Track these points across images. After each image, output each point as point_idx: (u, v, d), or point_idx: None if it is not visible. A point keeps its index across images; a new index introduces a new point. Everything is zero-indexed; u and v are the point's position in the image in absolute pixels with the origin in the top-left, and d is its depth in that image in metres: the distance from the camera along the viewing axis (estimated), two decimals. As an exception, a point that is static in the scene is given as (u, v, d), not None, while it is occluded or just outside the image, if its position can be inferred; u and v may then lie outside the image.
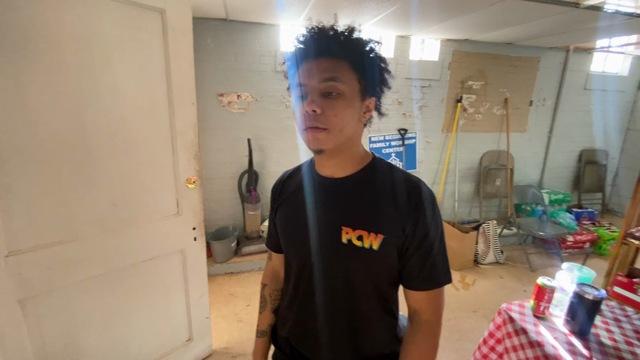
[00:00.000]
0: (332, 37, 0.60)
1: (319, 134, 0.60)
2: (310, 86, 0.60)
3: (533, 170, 3.86)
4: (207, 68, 2.57)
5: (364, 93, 0.63)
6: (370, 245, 0.63)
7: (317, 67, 0.59)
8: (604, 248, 3.18)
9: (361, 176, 0.68)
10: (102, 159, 1.18)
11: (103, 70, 1.14)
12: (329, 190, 0.69)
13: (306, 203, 0.72)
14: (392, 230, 0.63)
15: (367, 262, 0.65)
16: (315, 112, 0.58)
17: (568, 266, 1.18)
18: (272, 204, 0.82)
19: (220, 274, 2.60)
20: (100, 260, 1.24)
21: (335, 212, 0.67)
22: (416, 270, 0.65)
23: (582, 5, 2.05)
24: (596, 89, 3.77)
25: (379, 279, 0.67)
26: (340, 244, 0.65)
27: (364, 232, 0.64)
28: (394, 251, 0.65)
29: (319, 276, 0.69)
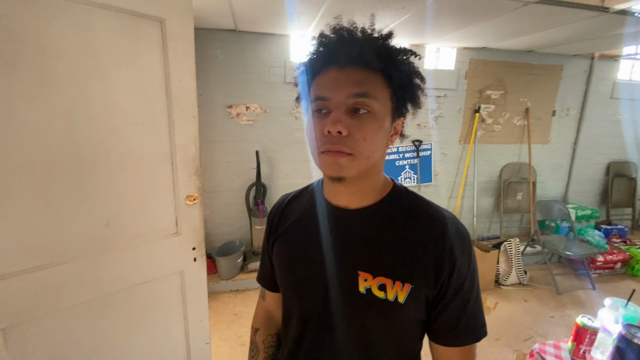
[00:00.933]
0: (366, 42, 0.49)
1: (342, 158, 0.48)
2: (335, 101, 0.48)
3: (557, 184, 3.65)
4: (216, 79, 2.53)
5: (395, 113, 0.53)
6: (395, 297, 0.51)
7: (346, 79, 0.48)
8: (637, 269, 2.94)
9: (382, 208, 0.56)
10: (96, 176, 1.11)
11: (98, 83, 1.08)
12: (342, 223, 0.57)
13: (313, 238, 0.58)
14: (423, 278, 0.51)
15: (390, 318, 0.53)
16: (341, 133, 0.47)
17: (611, 303, 1.02)
18: (267, 233, 0.69)
19: (225, 291, 2.50)
20: (91, 284, 1.16)
21: (350, 253, 0.55)
22: (450, 325, 0.54)
23: (612, 9, 1.90)
24: (624, 97, 3.56)
25: (403, 337, 0.55)
26: (357, 294, 0.53)
27: (387, 280, 0.51)
28: (423, 303, 0.53)
29: (328, 332, 0.56)
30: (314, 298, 0.57)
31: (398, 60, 0.51)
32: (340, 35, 0.50)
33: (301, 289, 0.59)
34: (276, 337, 0.74)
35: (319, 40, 0.52)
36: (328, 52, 0.50)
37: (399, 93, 0.51)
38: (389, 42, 0.51)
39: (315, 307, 0.57)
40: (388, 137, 0.54)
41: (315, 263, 0.57)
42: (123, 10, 1.08)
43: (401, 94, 0.52)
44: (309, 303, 0.58)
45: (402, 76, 0.51)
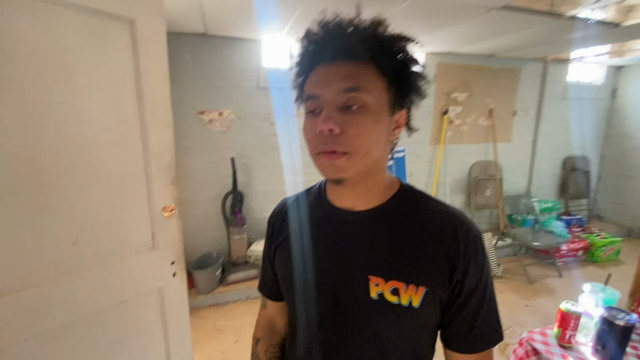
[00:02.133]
0: (353, 33, 0.46)
1: (338, 159, 0.46)
2: (325, 98, 0.46)
3: (520, 179, 3.87)
4: (186, 85, 2.43)
5: (394, 105, 0.50)
6: (409, 302, 0.48)
7: (335, 74, 0.46)
8: (597, 255, 3.17)
9: (390, 208, 0.53)
10: (62, 190, 1.01)
11: (63, 87, 0.98)
12: (349, 226, 0.54)
13: (319, 242, 0.55)
14: (437, 280, 0.49)
15: (404, 324, 0.50)
16: (333, 131, 0.45)
17: (591, 288, 1.08)
18: (268, 239, 0.66)
19: (204, 306, 2.38)
20: (60, 308, 1.04)
21: (358, 257, 0.52)
22: (465, 329, 0.51)
23: (564, 15, 2.06)
24: (573, 97, 3.86)
25: (418, 343, 0.52)
26: (369, 300, 0.50)
27: (400, 284, 0.49)
28: (438, 307, 0.50)
29: (339, 342, 0.53)
30: (323, 306, 0.54)
31: (390, 48, 0.48)
32: (326, 29, 0.47)
33: (308, 296, 0.55)
34: (279, 347, 0.69)
35: (306, 38, 0.49)
36: (316, 48, 0.48)
37: (396, 83, 0.49)
38: (380, 30, 0.48)
39: (323, 317, 0.54)
40: (389, 132, 0.50)
41: (322, 269, 0.54)
42: (89, 9, 1.00)
43: (399, 84, 0.49)
44: (317, 313, 0.55)
45: (397, 64, 0.48)
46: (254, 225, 2.82)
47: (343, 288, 0.52)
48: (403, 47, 0.49)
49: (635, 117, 3.88)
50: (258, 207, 2.83)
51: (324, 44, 0.47)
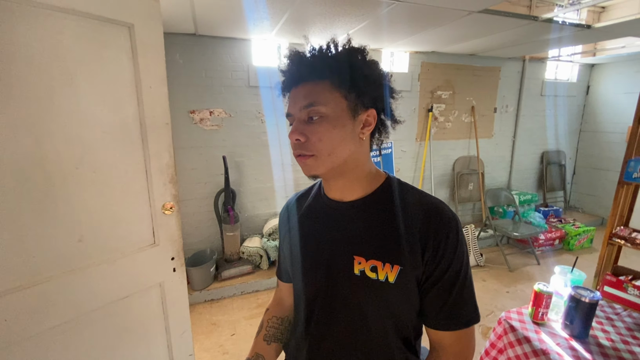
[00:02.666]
0: (306, 60, 0.58)
1: (307, 160, 0.58)
2: (294, 115, 0.58)
3: (501, 174, 4.05)
4: (177, 84, 2.46)
5: (355, 108, 0.57)
6: (385, 278, 0.57)
7: (298, 95, 0.58)
8: (572, 244, 3.37)
9: (374, 199, 0.62)
10: (66, 190, 1.05)
11: (65, 91, 1.02)
12: (338, 214, 0.64)
13: (316, 228, 0.66)
14: (410, 260, 0.57)
15: (383, 297, 0.58)
16: (300, 140, 0.57)
17: (560, 270, 1.20)
18: (280, 231, 0.78)
19: (199, 302, 2.43)
20: (66, 305, 1.08)
21: (346, 240, 0.61)
22: (437, 307, 0.58)
23: (540, 18, 2.19)
24: (550, 94, 4.05)
25: (399, 315, 0.60)
26: (353, 276, 0.59)
27: (378, 262, 0.57)
28: (414, 284, 0.58)
29: (331, 311, 0.63)
30: (317, 282, 0.64)
31: (340, 63, 0.56)
32: (292, 59, 0.59)
33: (306, 274, 0.66)
34: (280, 320, 0.79)
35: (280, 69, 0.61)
36: (287, 76, 0.60)
37: (351, 90, 0.56)
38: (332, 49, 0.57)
39: (318, 290, 0.64)
40: (355, 132, 0.57)
41: (317, 250, 0.64)
42: (90, 15, 1.03)
43: (354, 90, 0.56)
44: (313, 286, 0.65)
45: (348, 74, 0.55)
46: (246, 222, 2.87)
47: (333, 265, 0.62)
48: (351, 59, 0.57)
49: (606, 113, 4.10)
50: (250, 204, 2.88)
51: (291, 72, 0.59)
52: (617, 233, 1.20)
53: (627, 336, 1.10)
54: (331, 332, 0.63)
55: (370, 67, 0.59)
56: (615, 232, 1.20)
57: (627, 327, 1.15)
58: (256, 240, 2.79)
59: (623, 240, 1.17)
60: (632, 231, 1.22)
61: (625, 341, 1.08)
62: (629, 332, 1.12)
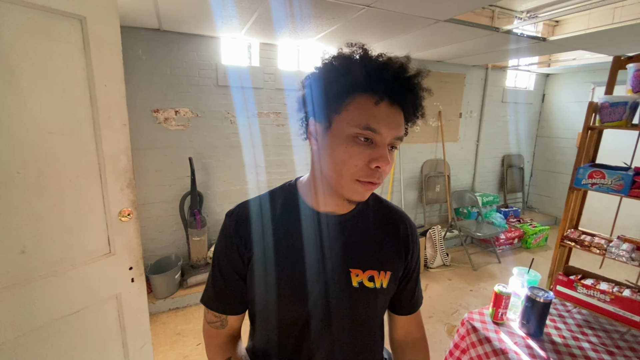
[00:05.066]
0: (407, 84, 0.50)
1: (373, 187, 0.53)
2: (384, 137, 0.50)
3: (466, 176, 4.22)
4: (139, 82, 2.32)
5: None
6: (381, 285, 0.61)
7: (395, 119, 0.50)
8: (529, 242, 3.58)
9: (359, 210, 0.64)
10: (7, 196, 0.95)
11: (6, 89, 0.92)
12: (331, 229, 0.61)
13: (306, 244, 0.59)
14: (397, 264, 0.64)
15: (377, 303, 0.63)
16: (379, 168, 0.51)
17: (518, 271, 1.26)
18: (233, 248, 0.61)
19: (163, 311, 2.31)
20: (7, 322, 0.98)
21: (341, 254, 0.60)
22: (409, 297, 0.69)
23: (500, 29, 2.30)
24: (510, 101, 4.29)
25: (380, 315, 0.67)
26: (352, 289, 0.60)
27: (374, 272, 0.61)
28: (396, 284, 0.65)
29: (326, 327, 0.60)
30: (315, 298, 0.59)
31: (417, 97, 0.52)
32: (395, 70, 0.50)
33: (302, 293, 0.58)
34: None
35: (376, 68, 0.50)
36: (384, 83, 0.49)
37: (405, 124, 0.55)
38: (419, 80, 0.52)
39: (316, 306, 0.59)
40: None
41: (312, 267, 0.59)
42: (35, 6, 0.95)
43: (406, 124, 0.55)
44: (305, 305, 0.59)
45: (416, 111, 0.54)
46: (214, 226, 2.78)
47: (331, 280, 0.59)
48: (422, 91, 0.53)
49: (559, 120, 4.41)
50: (218, 207, 2.79)
51: (393, 84, 0.49)
52: (568, 236, 1.27)
53: (577, 332, 1.18)
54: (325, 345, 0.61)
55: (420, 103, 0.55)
56: (566, 235, 1.28)
57: (577, 324, 1.22)
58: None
59: (573, 242, 1.25)
60: (581, 233, 1.31)
61: (576, 337, 1.15)
62: (579, 328, 1.20)
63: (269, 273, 0.59)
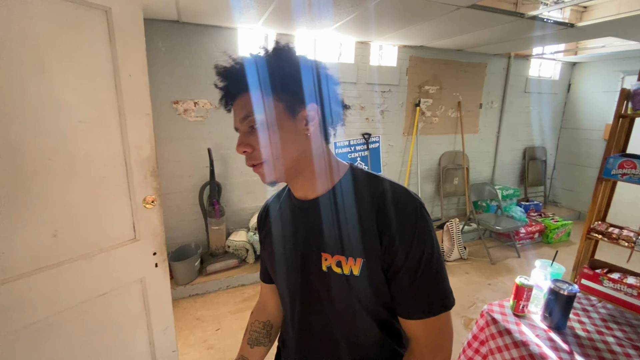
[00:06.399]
0: (234, 73, 0.56)
1: (260, 169, 0.58)
2: (239, 128, 0.59)
3: (485, 169, 4.12)
4: (159, 73, 2.37)
5: (293, 108, 0.55)
6: (350, 271, 0.57)
7: (236, 109, 0.58)
8: (551, 237, 3.48)
9: (335, 193, 0.62)
10: (39, 183, 1.00)
11: (37, 78, 0.96)
12: (304, 213, 0.64)
13: (288, 228, 0.68)
14: (373, 252, 0.55)
15: (350, 290, 0.58)
16: (247, 152, 0.57)
17: (541, 263, 1.23)
18: (259, 234, 0.78)
19: (184, 297, 2.39)
20: (41, 302, 1.04)
21: (313, 237, 0.62)
22: (402, 295, 0.56)
23: (526, 15, 2.21)
24: (534, 91, 4.13)
25: (370, 304, 0.60)
26: (322, 272, 0.60)
27: (342, 257, 0.58)
28: (380, 274, 0.57)
29: (310, 308, 0.65)
30: (294, 281, 0.65)
31: (261, 68, 0.55)
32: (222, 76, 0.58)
33: (285, 274, 0.68)
34: (262, 324, 0.81)
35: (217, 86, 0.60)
36: (224, 93, 0.59)
37: (282, 92, 0.55)
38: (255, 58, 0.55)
39: (295, 288, 0.65)
40: (299, 130, 0.56)
41: (290, 250, 0.66)
42: (63, -4, 0.97)
43: (285, 91, 0.55)
44: (291, 285, 0.66)
45: (276, 77, 0.54)
46: (232, 216, 2.83)
47: (305, 264, 0.63)
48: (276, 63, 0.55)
49: (585, 111, 4.22)
50: (236, 197, 2.84)
51: (225, 88, 0.58)
52: (595, 228, 1.23)
53: (601, 327, 1.15)
54: (314, 327, 0.65)
55: (295, 64, 0.55)
56: (593, 227, 1.24)
57: (602, 318, 1.19)
58: (242, 234, 2.76)
59: (600, 234, 1.20)
60: (609, 226, 1.26)
61: (600, 332, 1.12)
62: (603, 322, 1.17)
63: (268, 254, 0.72)
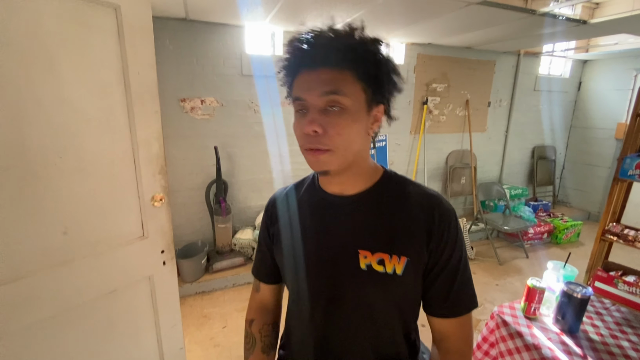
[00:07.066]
0: (330, 43, 0.52)
1: (322, 155, 0.53)
2: (309, 101, 0.52)
3: (493, 168, 4.08)
4: (166, 71, 2.37)
5: (371, 103, 0.55)
6: (393, 270, 0.56)
7: (316, 80, 0.52)
8: (560, 237, 3.43)
9: (375, 192, 0.61)
10: (50, 180, 1.00)
11: (46, 75, 0.96)
12: (339, 209, 0.61)
13: (316, 224, 0.63)
14: (417, 251, 0.57)
15: (390, 290, 0.58)
16: (317, 132, 0.52)
17: (553, 265, 1.20)
18: (264, 226, 0.73)
19: (190, 294, 2.40)
20: (51, 299, 1.04)
21: (349, 234, 0.59)
22: (442, 296, 0.59)
23: (537, 12, 2.17)
24: (543, 90, 4.07)
25: (403, 307, 0.61)
26: (359, 271, 0.57)
27: (385, 255, 0.56)
28: (419, 275, 0.58)
29: (338, 307, 0.61)
30: (323, 278, 0.61)
31: (363, 53, 0.52)
32: (309, 38, 0.53)
33: (311, 271, 0.62)
34: (271, 326, 0.76)
35: (293, 44, 0.54)
36: (301, 55, 0.53)
37: (371, 84, 0.54)
38: (355, 36, 0.52)
39: (323, 286, 0.61)
40: (367, 127, 0.56)
41: (320, 246, 0.61)
42: (72, -6, 0.97)
43: (374, 84, 0.54)
44: (318, 283, 0.62)
45: (370, 68, 0.53)
46: (238, 214, 2.84)
47: (339, 261, 0.59)
48: (375, 50, 0.53)
49: (596, 109, 4.15)
50: (242, 195, 2.84)
51: (307, 52, 0.53)
52: (610, 229, 1.20)
53: (615, 331, 1.12)
54: (338, 327, 0.62)
55: (390, 61, 0.56)
56: (608, 229, 1.21)
57: (616, 322, 1.16)
58: (248, 232, 2.76)
59: (615, 236, 1.18)
60: (624, 228, 1.23)
61: (614, 336, 1.10)
62: (617, 326, 1.14)
63: (285, 251, 0.66)
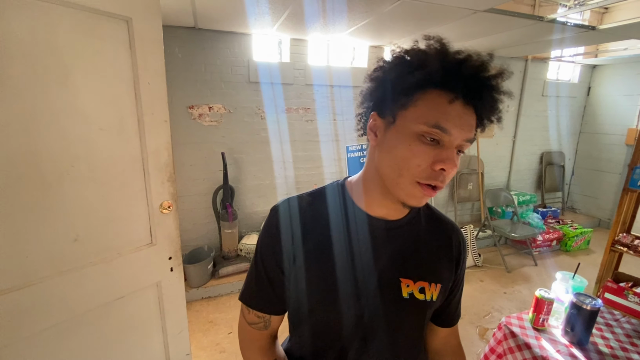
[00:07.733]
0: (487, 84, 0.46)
1: (433, 192, 0.48)
2: (454, 138, 0.46)
3: (501, 174, 4.04)
4: (175, 79, 2.41)
5: None
6: (431, 297, 0.58)
7: (468, 120, 0.46)
8: (569, 245, 3.37)
9: (413, 218, 0.60)
10: (62, 188, 1.02)
11: (60, 86, 0.99)
12: (383, 234, 0.56)
13: (353, 249, 0.56)
14: (447, 278, 0.61)
15: (425, 316, 0.60)
16: (446, 171, 0.46)
17: (562, 276, 1.19)
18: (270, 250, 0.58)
19: (196, 299, 2.41)
20: (61, 305, 1.06)
21: (392, 262, 0.56)
22: (454, 308, 0.67)
23: (545, 18, 2.16)
24: (551, 95, 4.03)
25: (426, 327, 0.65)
26: (402, 300, 0.56)
27: (425, 283, 0.57)
28: (444, 297, 0.62)
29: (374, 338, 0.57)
30: (362, 308, 0.56)
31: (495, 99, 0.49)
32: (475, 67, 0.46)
33: (347, 300, 0.55)
34: None
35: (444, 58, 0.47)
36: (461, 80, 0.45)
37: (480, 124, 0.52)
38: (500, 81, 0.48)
39: (361, 316, 0.56)
40: None
41: (362, 273, 0.56)
42: (86, 8, 1.00)
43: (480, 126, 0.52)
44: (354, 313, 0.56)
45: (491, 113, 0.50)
46: (244, 220, 2.85)
47: (383, 290, 0.56)
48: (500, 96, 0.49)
49: (606, 115, 4.09)
50: (249, 201, 2.86)
51: (470, 81, 0.45)
52: (620, 240, 1.19)
53: (626, 343, 1.10)
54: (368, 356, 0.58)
55: None
56: (617, 239, 1.19)
57: (626, 334, 1.14)
58: (254, 237, 2.78)
59: (626, 247, 1.16)
60: (634, 238, 1.21)
61: (625, 348, 1.07)
62: (628, 339, 1.12)
63: (318, 276, 0.56)
